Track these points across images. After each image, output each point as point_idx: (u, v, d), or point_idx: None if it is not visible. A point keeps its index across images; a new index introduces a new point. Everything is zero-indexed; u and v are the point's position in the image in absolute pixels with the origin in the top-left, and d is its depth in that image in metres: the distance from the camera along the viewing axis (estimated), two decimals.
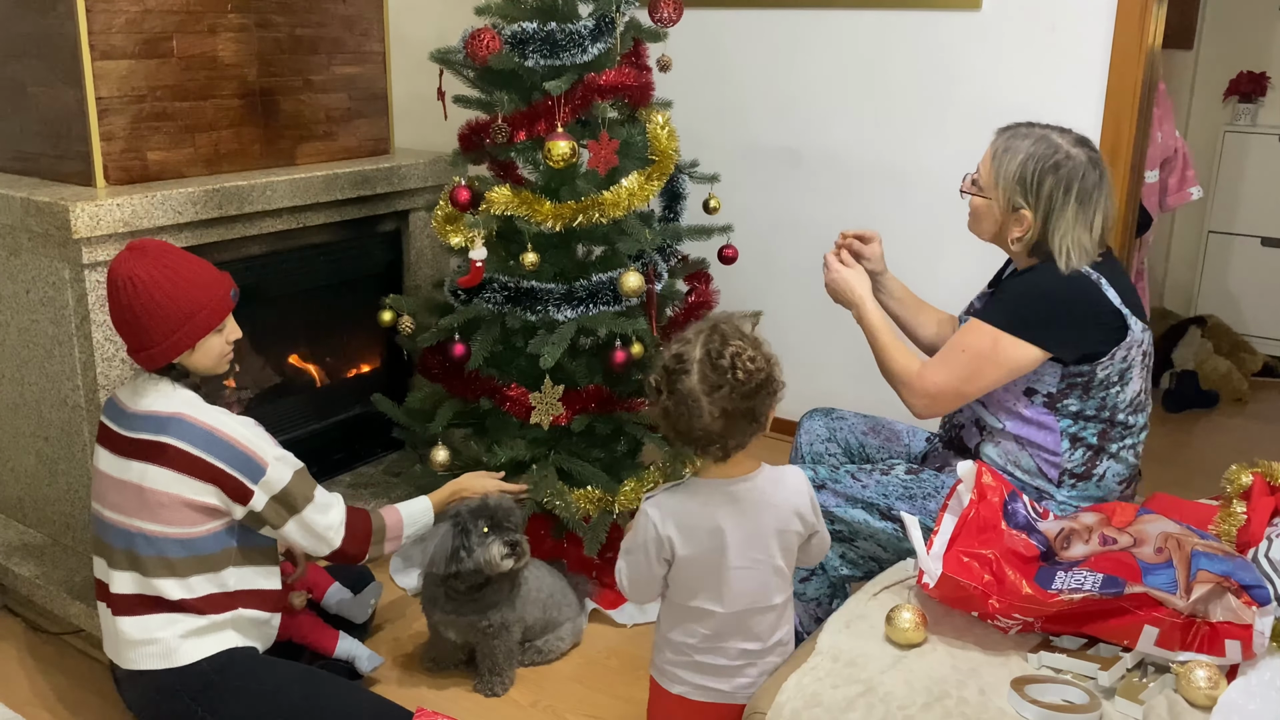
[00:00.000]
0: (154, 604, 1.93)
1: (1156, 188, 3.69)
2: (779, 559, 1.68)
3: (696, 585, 1.67)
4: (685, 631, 1.71)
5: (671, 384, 1.59)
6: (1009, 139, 2.01)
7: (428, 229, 3.12)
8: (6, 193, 2.38)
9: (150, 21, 2.47)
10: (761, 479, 1.68)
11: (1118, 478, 2.06)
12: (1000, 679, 1.63)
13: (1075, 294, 1.96)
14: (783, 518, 1.68)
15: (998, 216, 2.03)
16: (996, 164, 2.01)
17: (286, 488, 1.96)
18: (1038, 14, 3.08)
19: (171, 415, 1.91)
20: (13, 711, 2.26)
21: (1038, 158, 1.96)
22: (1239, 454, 2.15)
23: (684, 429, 1.61)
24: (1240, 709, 1.52)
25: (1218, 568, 1.64)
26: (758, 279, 3.66)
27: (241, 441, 1.92)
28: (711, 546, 1.65)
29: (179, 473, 1.89)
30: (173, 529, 1.91)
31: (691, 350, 1.59)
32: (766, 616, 1.70)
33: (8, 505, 2.78)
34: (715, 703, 1.72)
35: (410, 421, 2.83)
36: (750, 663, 1.71)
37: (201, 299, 1.92)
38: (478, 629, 2.30)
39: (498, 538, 2.23)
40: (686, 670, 1.73)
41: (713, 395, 1.57)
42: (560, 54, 2.42)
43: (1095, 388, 1.99)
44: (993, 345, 1.97)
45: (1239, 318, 4.80)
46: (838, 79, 3.46)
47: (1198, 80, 4.93)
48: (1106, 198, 1.99)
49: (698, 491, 1.67)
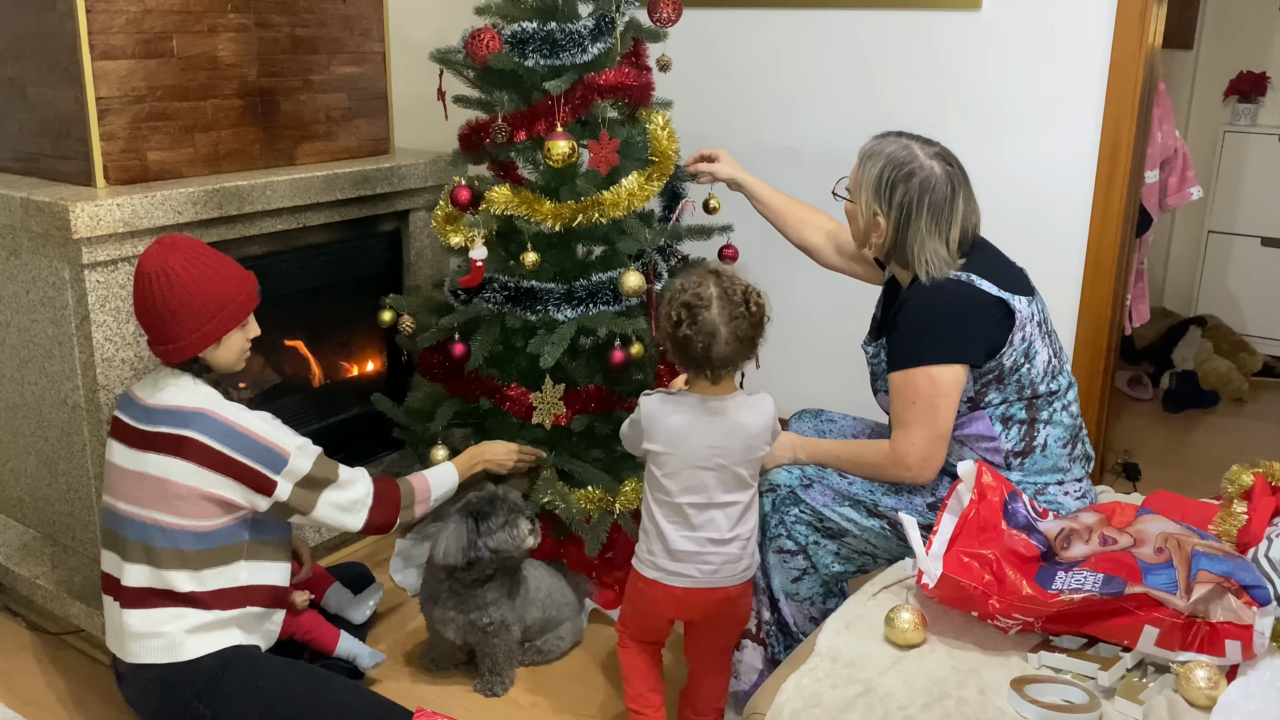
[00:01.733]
0: (164, 597, 1.95)
1: (1156, 188, 3.69)
2: (740, 467, 1.96)
3: (670, 480, 1.96)
4: (663, 520, 1.98)
5: (694, 316, 1.88)
6: (875, 144, 2.07)
7: (428, 229, 3.12)
8: (6, 193, 2.38)
9: (150, 21, 2.47)
10: (737, 399, 1.98)
11: (1060, 441, 2.06)
12: (1000, 679, 1.63)
13: (959, 301, 1.99)
14: (749, 434, 1.97)
15: (860, 222, 2.09)
16: (861, 169, 2.07)
17: (310, 474, 2.02)
18: (1038, 14, 3.08)
19: (195, 410, 1.95)
20: (13, 712, 2.26)
21: (894, 165, 2.01)
22: (1239, 454, 2.16)
23: (699, 355, 1.90)
24: (1240, 709, 1.52)
25: (1218, 568, 1.64)
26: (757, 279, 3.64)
27: (262, 435, 1.97)
28: (682, 447, 1.94)
29: (200, 466, 1.93)
30: (190, 521, 1.94)
31: (706, 288, 1.90)
32: (727, 511, 1.97)
33: (8, 505, 2.78)
34: (683, 587, 1.98)
35: (410, 421, 2.83)
36: (713, 551, 1.97)
37: (230, 294, 1.98)
38: (477, 627, 2.30)
39: (521, 515, 2.27)
40: (660, 557, 1.99)
41: (730, 325, 1.88)
42: (560, 54, 2.42)
43: (1007, 375, 2.01)
44: (931, 382, 1.98)
45: (1239, 318, 4.80)
46: (838, 79, 3.46)
47: (1198, 80, 4.93)
48: (965, 212, 2.02)
49: (682, 401, 1.97)
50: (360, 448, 3.19)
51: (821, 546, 2.12)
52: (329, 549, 2.88)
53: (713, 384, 1.96)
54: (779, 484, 2.13)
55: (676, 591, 1.99)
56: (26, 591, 2.56)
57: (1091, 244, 3.11)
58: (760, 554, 2.14)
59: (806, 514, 2.10)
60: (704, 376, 1.95)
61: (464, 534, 2.24)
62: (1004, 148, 3.21)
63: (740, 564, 2.01)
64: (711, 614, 2.03)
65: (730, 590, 2.01)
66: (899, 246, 2.04)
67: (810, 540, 2.12)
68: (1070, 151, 3.10)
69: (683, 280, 1.95)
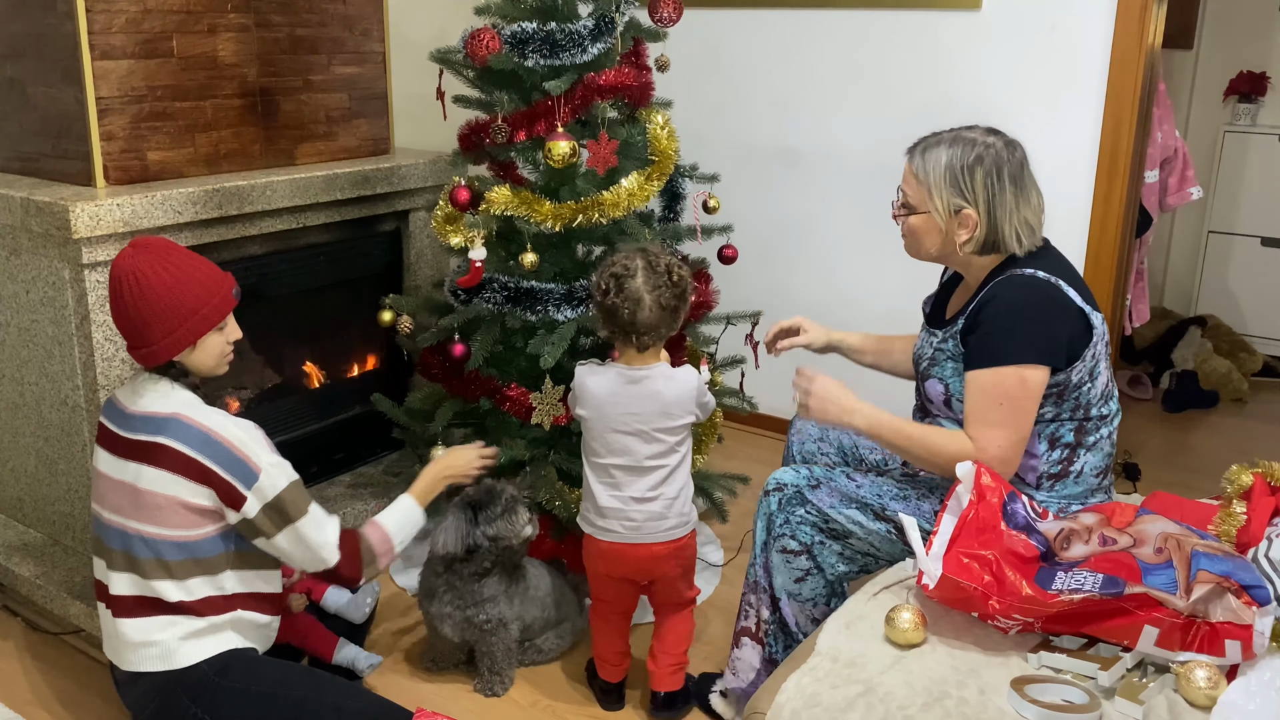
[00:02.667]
0: (153, 605, 1.92)
1: (1156, 188, 3.69)
2: (659, 434, 2.13)
3: (595, 443, 2.16)
4: (592, 481, 2.17)
5: (620, 285, 2.07)
6: (923, 152, 2.00)
7: (428, 229, 3.12)
8: (6, 193, 2.38)
9: (150, 21, 2.47)
10: (657, 369, 2.14)
11: (1094, 470, 2.04)
12: (1000, 679, 1.63)
13: (1049, 302, 1.95)
14: (665, 401, 2.13)
15: (940, 227, 2.00)
16: (923, 177, 1.99)
17: (280, 495, 1.91)
18: (1038, 14, 3.08)
19: (169, 416, 1.90)
20: (13, 711, 2.26)
21: (959, 155, 1.95)
22: (1239, 454, 2.16)
23: (626, 321, 2.07)
24: (1240, 709, 1.52)
25: (1218, 568, 1.64)
26: (758, 279, 3.67)
27: (236, 445, 1.89)
28: (603, 411, 2.14)
29: (175, 474, 1.88)
30: (170, 531, 1.90)
31: (633, 262, 2.09)
32: (650, 475, 2.14)
33: (8, 505, 2.78)
34: (614, 542, 2.16)
35: (410, 421, 2.83)
36: (635, 508, 2.14)
37: (203, 296, 1.91)
38: (475, 625, 2.30)
39: (519, 503, 2.28)
40: (592, 514, 2.19)
41: (654, 294, 2.06)
42: (560, 54, 2.42)
43: (1069, 392, 1.97)
44: (1021, 383, 1.92)
45: (1239, 318, 4.80)
46: (838, 79, 3.46)
47: (1198, 80, 4.93)
48: (1033, 175, 2.00)
49: (606, 371, 2.16)
50: (360, 448, 3.19)
51: (826, 547, 2.11)
52: None
53: (639, 351, 2.13)
54: (786, 483, 2.12)
55: (604, 546, 2.18)
56: (26, 591, 2.56)
57: (1091, 244, 3.11)
58: (763, 553, 2.13)
59: (812, 514, 2.10)
60: (630, 344, 2.12)
61: (462, 523, 2.25)
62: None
63: (665, 522, 2.16)
64: (643, 570, 2.18)
65: (654, 548, 2.16)
66: (993, 229, 1.97)
67: (815, 540, 2.11)
68: (1070, 151, 3.10)
69: (613, 256, 2.13)
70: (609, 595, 2.26)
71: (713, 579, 2.85)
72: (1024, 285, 1.95)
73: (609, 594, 2.26)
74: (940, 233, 2.01)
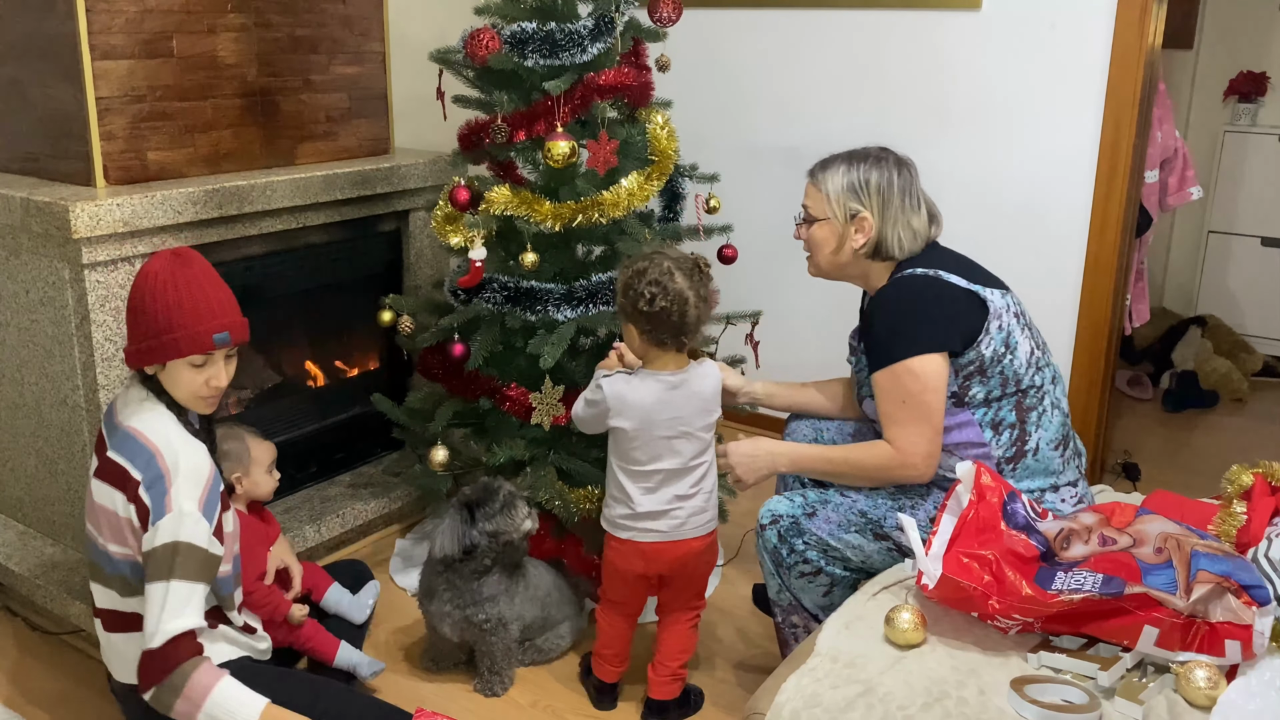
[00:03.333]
0: (132, 621, 1.88)
1: (1156, 188, 3.69)
2: (701, 432, 2.15)
3: (638, 451, 2.13)
4: (630, 488, 2.15)
5: (664, 289, 2.04)
6: (823, 168, 2.15)
7: (428, 229, 3.12)
8: (6, 193, 2.38)
9: (150, 21, 2.47)
10: (690, 370, 2.15)
11: (1051, 444, 2.07)
12: (1000, 679, 1.63)
13: (924, 289, 2.04)
14: (705, 399, 2.16)
15: (839, 232, 2.12)
16: (823, 188, 2.13)
17: (169, 545, 1.75)
18: (1038, 14, 3.08)
19: (134, 433, 1.85)
20: (12, 711, 2.26)
21: (854, 163, 2.12)
22: (1239, 454, 2.16)
23: (675, 325, 2.06)
24: (1240, 709, 1.52)
25: (1218, 568, 1.64)
26: (758, 279, 3.66)
27: (169, 474, 1.79)
28: (650, 422, 2.11)
29: (114, 487, 1.83)
30: (124, 549, 1.85)
31: (659, 265, 2.07)
32: (694, 472, 2.15)
33: (8, 505, 2.78)
34: (656, 542, 2.16)
35: (410, 421, 2.83)
36: (678, 506, 2.15)
37: (180, 323, 1.82)
38: (474, 624, 2.29)
39: (518, 498, 2.29)
40: (632, 520, 2.16)
41: (694, 289, 2.07)
42: (560, 54, 2.42)
43: (989, 366, 2.01)
44: (915, 376, 1.99)
45: (1239, 318, 4.80)
46: (838, 79, 3.46)
47: (1198, 80, 4.93)
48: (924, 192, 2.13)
49: (645, 380, 2.13)
50: (360, 448, 3.19)
51: (833, 564, 2.13)
52: (328, 549, 2.88)
53: (678, 352, 2.13)
54: (781, 514, 2.13)
55: (645, 547, 2.17)
56: (26, 591, 2.56)
57: (1091, 244, 3.11)
58: (779, 579, 2.16)
59: (812, 542, 2.11)
60: (673, 348, 2.12)
61: (458, 524, 2.25)
62: (1004, 148, 3.21)
63: (704, 515, 2.19)
64: (679, 567, 2.20)
65: (694, 543, 2.19)
66: (882, 234, 2.09)
67: (823, 562, 2.13)
68: (1070, 151, 3.10)
69: (633, 266, 2.10)
70: (623, 596, 2.26)
71: (713, 579, 2.85)
72: (901, 283, 2.07)
73: (623, 594, 2.26)
74: (838, 238, 2.13)
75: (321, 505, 2.92)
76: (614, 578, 2.25)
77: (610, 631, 2.30)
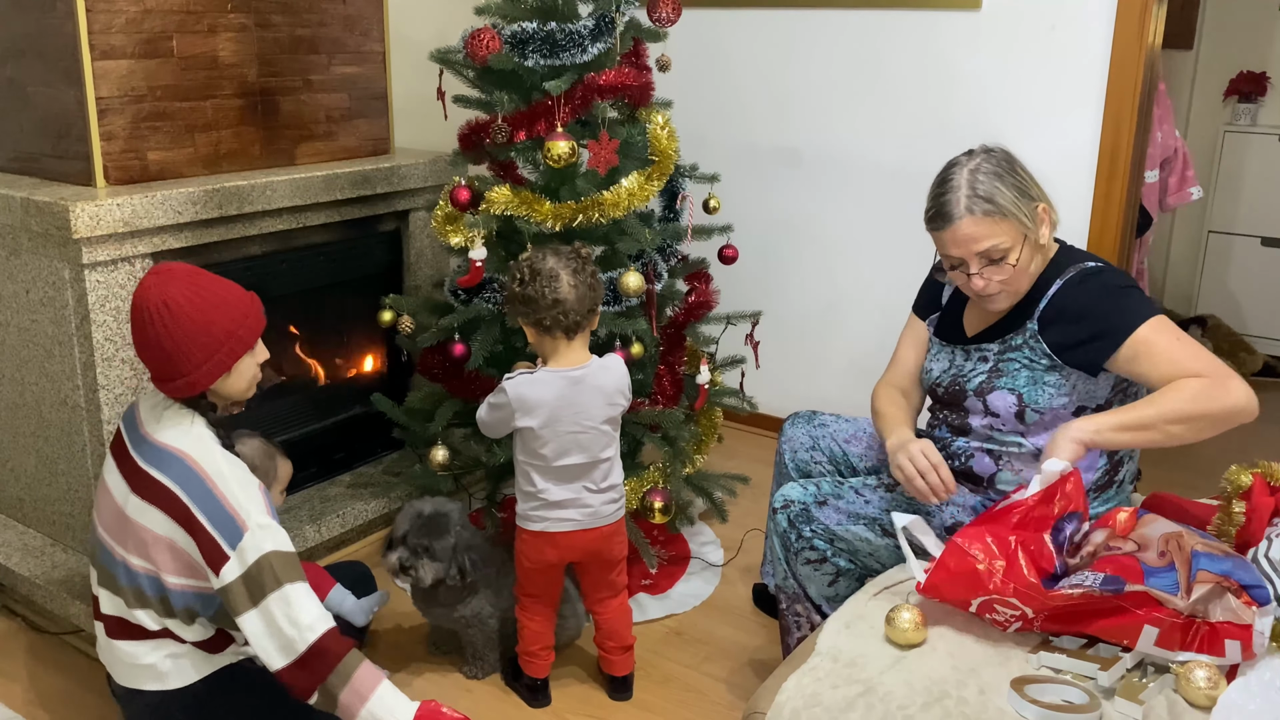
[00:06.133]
0: (136, 630, 1.89)
1: (1156, 188, 3.69)
2: (606, 425, 2.20)
3: (546, 448, 2.16)
4: (540, 481, 2.19)
5: (535, 270, 2.11)
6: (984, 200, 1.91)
7: (428, 229, 3.12)
8: (6, 193, 2.38)
9: (150, 21, 2.47)
10: (594, 365, 2.19)
11: (1130, 475, 2.05)
12: (1000, 679, 1.63)
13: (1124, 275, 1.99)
14: (607, 393, 2.20)
15: (1032, 239, 1.95)
16: (993, 210, 1.91)
17: (261, 561, 1.73)
18: (1038, 14, 3.08)
19: (177, 453, 1.81)
20: (13, 711, 2.26)
21: (991, 173, 1.93)
22: (1239, 454, 2.15)
23: (549, 304, 2.09)
24: (1240, 709, 1.52)
25: (1217, 568, 1.64)
26: (758, 279, 3.67)
27: (229, 499, 1.76)
28: (555, 419, 2.15)
29: (167, 515, 1.79)
30: (152, 568, 1.84)
31: (536, 254, 2.16)
32: (600, 466, 2.21)
33: (8, 505, 2.78)
34: (569, 531, 2.22)
35: (410, 421, 2.83)
36: (589, 497, 2.21)
37: (237, 319, 1.82)
38: (453, 620, 2.40)
39: (396, 552, 2.30)
40: (543, 510, 2.21)
41: (569, 271, 2.11)
42: (560, 54, 2.42)
43: (1131, 386, 1.96)
44: (1165, 326, 1.89)
45: (1239, 318, 4.80)
46: (838, 79, 3.46)
47: (1198, 80, 4.93)
48: None
49: (545, 377, 2.16)
50: (360, 448, 3.19)
51: (840, 555, 2.13)
52: (328, 549, 2.88)
53: (569, 341, 2.15)
54: (793, 500, 2.12)
55: (558, 536, 2.22)
56: (26, 591, 2.56)
57: (1091, 244, 3.11)
58: (789, 566, 2.15)
59: (820, 530, 2.11)
60: (560, 335, 2.14)
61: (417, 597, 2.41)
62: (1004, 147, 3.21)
63: (613, 505, 2.26)
64: (592, 554, 2.26)
65: (604, 529, 2.25)
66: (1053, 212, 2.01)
67: (829, 552, 2.13)
68: (1070, 151, 3.10)
69: (519, 259, 2.19)
70: (540, 588, 2.30)
71: (713, 579, 2.85)
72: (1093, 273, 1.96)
73: (540, 586, 2.30)
74: (1033, 247, 1.95)
75: (321, 505, 2.92)
76: (529, 572, 2.28)
77: (533, 626, 2.33)
